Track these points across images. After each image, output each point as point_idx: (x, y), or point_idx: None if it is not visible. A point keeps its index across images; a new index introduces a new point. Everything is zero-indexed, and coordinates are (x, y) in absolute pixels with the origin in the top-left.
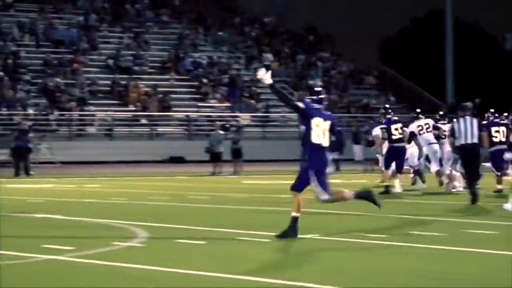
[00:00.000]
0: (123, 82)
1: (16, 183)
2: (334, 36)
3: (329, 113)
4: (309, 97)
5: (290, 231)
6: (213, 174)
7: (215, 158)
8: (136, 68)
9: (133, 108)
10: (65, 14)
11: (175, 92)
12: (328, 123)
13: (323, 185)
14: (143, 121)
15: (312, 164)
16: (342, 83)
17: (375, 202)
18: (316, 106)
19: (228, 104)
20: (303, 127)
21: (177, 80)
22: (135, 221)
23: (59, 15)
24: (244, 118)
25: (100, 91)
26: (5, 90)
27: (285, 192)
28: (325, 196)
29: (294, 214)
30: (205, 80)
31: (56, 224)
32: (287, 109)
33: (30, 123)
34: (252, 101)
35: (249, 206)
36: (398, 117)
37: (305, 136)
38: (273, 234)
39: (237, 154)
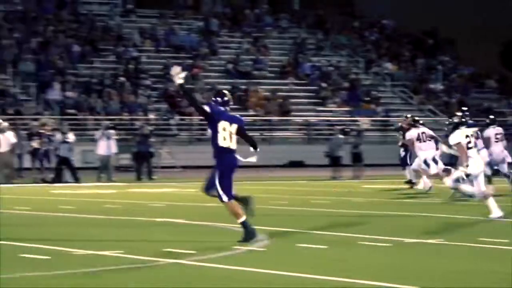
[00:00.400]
0: (242, 86)
1: (137, 187)
2: (455, 39)
3: (237, 116)
4: (214, 99)
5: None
6: (333, 178)
7: (335, 162)
8: (255, 72)
9: (253, 113)
10: (185, 20)
11: (294, 97)
12: (235, 126)
13: (226, 187)
14: (263, 125)
15: (219, 167)
16: (463, 86)
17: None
18: (222, 109)
19: (347, 108)
20: (209, 131)
21: (296, 84)
22: (256, 225)
23: (179, 20)
24: (364, 122)
25: None
26: (126, 95)
27: (406, 197)
28: (225, 198)
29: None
30: (324, 85)
31: (178, 228)
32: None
33: (151, 127)
34: (372, 105)
35: (369, 210)
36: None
37: (212, 139)
38: (396, 238)
39: (357, 158)
